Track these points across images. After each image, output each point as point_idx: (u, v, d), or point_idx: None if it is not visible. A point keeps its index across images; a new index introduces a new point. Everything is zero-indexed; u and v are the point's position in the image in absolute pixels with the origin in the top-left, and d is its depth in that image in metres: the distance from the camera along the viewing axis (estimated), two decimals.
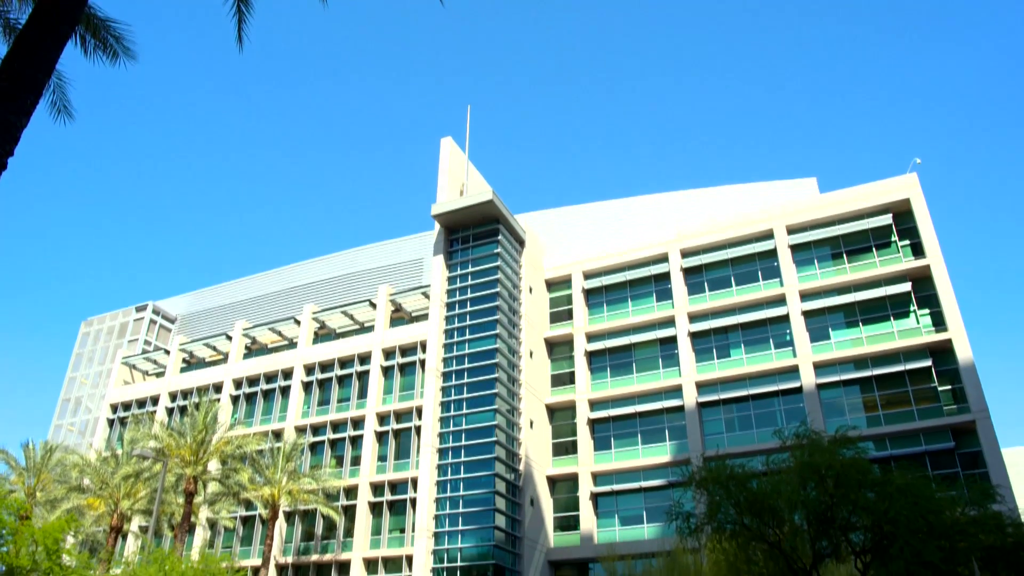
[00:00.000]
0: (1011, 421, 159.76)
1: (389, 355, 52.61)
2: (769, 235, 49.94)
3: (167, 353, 64.49)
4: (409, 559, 44.62)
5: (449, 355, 47.68)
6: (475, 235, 50.63)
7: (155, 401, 61.14)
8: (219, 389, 58.22)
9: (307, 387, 55.11)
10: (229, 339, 61.20)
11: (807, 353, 45.56)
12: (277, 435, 53.27)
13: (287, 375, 56.01)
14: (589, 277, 54.80)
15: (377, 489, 48.79)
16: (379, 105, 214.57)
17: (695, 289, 51.35)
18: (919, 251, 45.66)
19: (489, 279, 48.61)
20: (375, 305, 55.56)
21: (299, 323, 58.16)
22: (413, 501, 46.66)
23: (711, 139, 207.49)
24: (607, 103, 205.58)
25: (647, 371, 50.53)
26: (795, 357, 45.86)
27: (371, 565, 46.44)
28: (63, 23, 11.00)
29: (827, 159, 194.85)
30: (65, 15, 11.03)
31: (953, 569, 22.60)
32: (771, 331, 47.99)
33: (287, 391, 55.62)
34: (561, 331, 53.74)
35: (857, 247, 47.78)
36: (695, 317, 50.11)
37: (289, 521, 50.60)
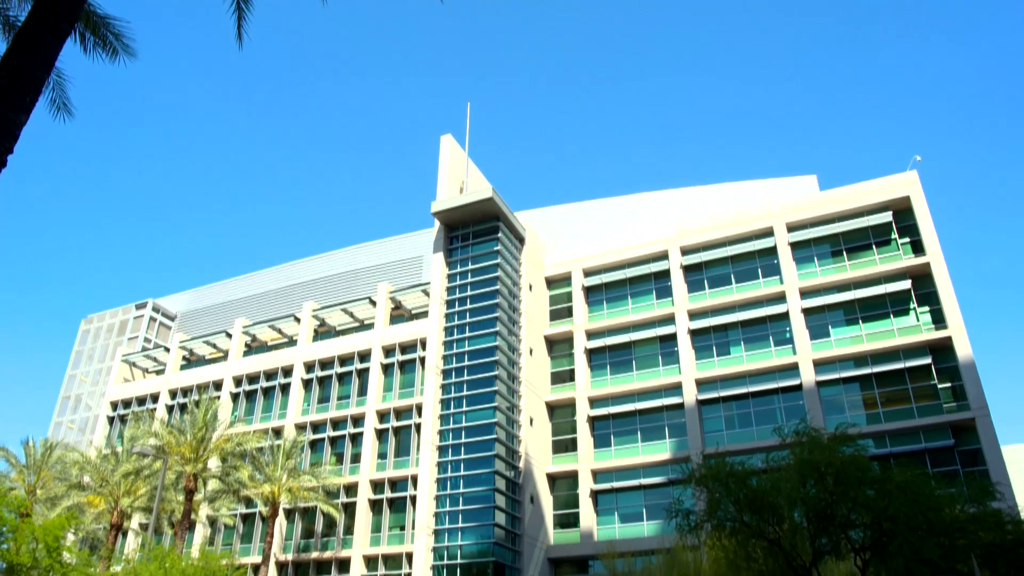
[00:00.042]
0: (1011, 419, 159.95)
1: (389, 352, 52.67)
2: (769, 232, 49.94)
3: (167, 350, 64.56)
4: (409, 556, 44.69)
5: (449, 352, 47.72)
6: (475, 232, 50.65)
7: (155, 399, 61.22)
8: (219, 386, 58.29)
9: (307, 384, 55.18)
10: (229, 336, 61.26)
11: (807, 350, 45.60)
12: (277, 432, 53.34)
13: (287, 372, 56.08)
14: (589, 274, 54.81)
15: (377, 486, 48.85)
16: (379, 103, 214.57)
17: (695, 286, 51.37)
18: (919, 248, 45.67)
19: (489, 276, 48.63)
20: (375, 303, 55.59)
21: (299, 321, 58.21)
22: (413, 498, 46.72)
23: (711, 136, 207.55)
24: (607, 100, 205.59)
25: (647, 368, 50.57)
26: (795, 354, 45.89)
27: (371, 562, 46.52)
28: (62, 20, 10.99)
29: (827, 156, 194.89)
30: (64, 12, 11.02)
31: (952, 566, 22.64)
32: (771, 328, 48.02)
33: (287, 388, 55.69)
34: (561, 328, 53.77)
35: (857, 244, 47.79)
36: (695, 314, 50.14)
37: (289, 518, 50.66)
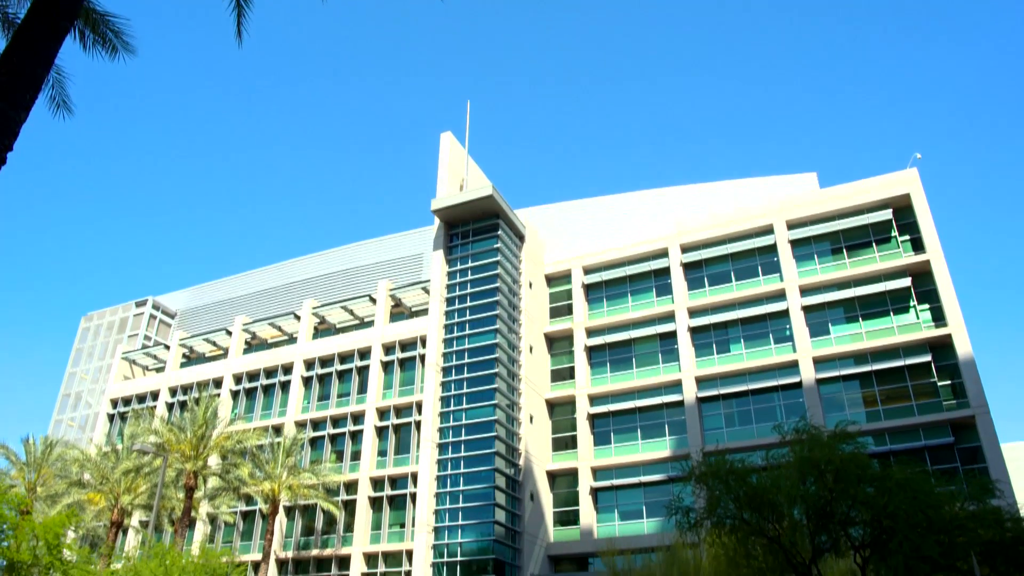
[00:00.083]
0: (1010, 416, 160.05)
1: (389, 350, 52.68)
2: (769, 230, 49.93)
3: (167, 348, 64.57)
4: (409, 554, 44.74)
5: (449, 350, 47.74)
6: (475, 230, 50.65)
7: (155, 396, 61.24)
8: (219, 384, 58.30)
9: (307, 382, 55.20)
10: (229, 334, 61.26)
11: (807, 348, 45.61)
12: (277, 430, 53.36)
13: (287, 370, 56.09)
14: (589, 272, 54.81)
15: (377, 484, 48.89)
16: (379, 100, 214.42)
17: (695, 284, 51.38)
18: (919, 246, 45.67)
19: (489, 274, 48.63)
20: (375, 300, 55.59)
21: (299, 318, 58.21)
22: (413, 496, 46.75)
23: (711, 134, 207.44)
24: (607, 98, 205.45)
25: (647, 366, 50.59)
26: (795, 352, 45.91)
27: (371, 560, 46.57)
28: (62, 17, 10.97)
29: (827, 154, 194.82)
30: (64, 9, 11.00)
31: (952, 564, 22.67)
32: (771, 326, 48.04)
33: (287, 386, 55.71)
34: (561, 326, 53.79)
35: (857, 242, 47.78)
36: (695, 312, 50.15)
37: (289, 516, 50.70)
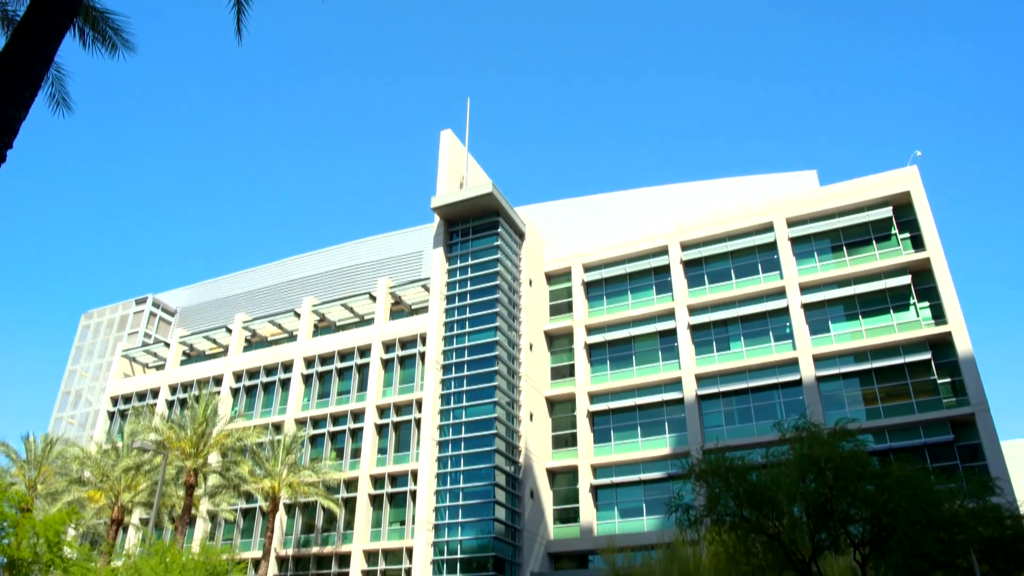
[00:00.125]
0: (1010, 414, 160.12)
1: (389, 348, 52.68)
2: (769, 228, 49.90)
3: (167, 346, 64.58)
4: (409, 551, 44.78)
5: (449, 348, 47.74)
6: (475, 228, 50.63)
7: (155, 394, 61.24)
8: (219, 382, 58.30)
9: (307, 380, 55.21)
10: (229, 332, 61.25)
11: (807, 346, 45.61)
12: (277, 428, 53.38)
13: (287, 368, 56.09)
14: (589, 270, 54.79)
15: (377, 481, 48.91)
16: (379, 98, 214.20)
17: (695, 282, 51.36)
18: (919, 244, 45.64)
19: (489, 272, 48.63)
20: (375, 298, 55.57)
21: (299, 316, 58.19)
22: (413, 493, 46.77)
23: (711, 132, 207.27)
24: (607, 95, 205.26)
25: (647, 364, 50.57)
26: (795, 350, 45.90)
27: (371, 557, 46.61)
28: (62, 15, 10.94)
29: (827, 151, 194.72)
30: (64, 6, 10.97)
31: (952, 561, 22.68)
32: (771, 324, 48.02)
33: (287, 384, 55.72)
34: (561, 324, 53.78)
35: (857, 240, 47.75)
36: (695, 310, 50.14)
37: (289, 513, 50.74)
